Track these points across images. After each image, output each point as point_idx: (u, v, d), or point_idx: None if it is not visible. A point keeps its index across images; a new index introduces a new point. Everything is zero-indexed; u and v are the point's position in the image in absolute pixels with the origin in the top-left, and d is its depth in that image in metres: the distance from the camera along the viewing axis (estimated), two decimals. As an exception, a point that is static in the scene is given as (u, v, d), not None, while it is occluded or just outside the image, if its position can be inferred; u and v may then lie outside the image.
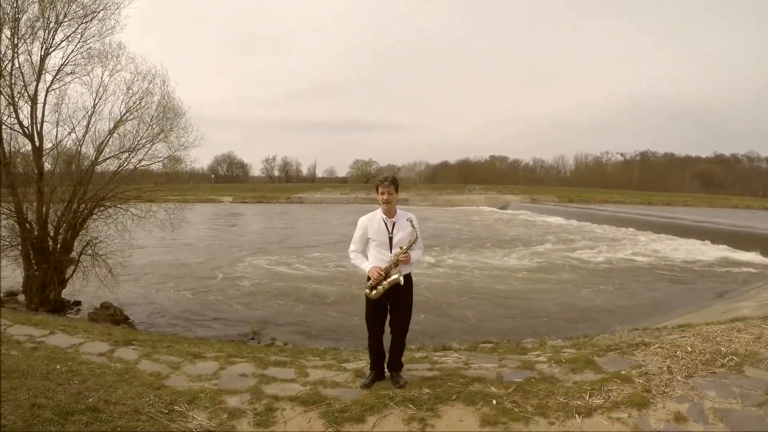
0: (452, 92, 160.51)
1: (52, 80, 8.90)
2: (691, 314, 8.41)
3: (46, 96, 8.86)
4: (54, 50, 8.85)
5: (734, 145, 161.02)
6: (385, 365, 3.78)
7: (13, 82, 8.45)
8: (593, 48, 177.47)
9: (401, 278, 3.43)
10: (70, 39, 8.89)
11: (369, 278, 3.53)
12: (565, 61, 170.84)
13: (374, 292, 3.48)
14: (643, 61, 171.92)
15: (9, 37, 8.32)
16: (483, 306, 10.29)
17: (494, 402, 3.32)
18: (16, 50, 8.41)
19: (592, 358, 4.08)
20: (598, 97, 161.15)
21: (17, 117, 8.61)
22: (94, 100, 9.23)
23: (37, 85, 8.75)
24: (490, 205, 51.02)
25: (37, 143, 8.87)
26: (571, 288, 12.17)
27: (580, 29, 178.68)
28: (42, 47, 8.72)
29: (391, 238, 3.52)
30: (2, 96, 8.37)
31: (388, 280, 3.44)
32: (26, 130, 8.76)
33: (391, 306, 3.61)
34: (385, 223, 3.56)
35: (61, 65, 8.93)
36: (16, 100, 8.54)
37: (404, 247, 3.47)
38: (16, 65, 8.50)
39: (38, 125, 8.87)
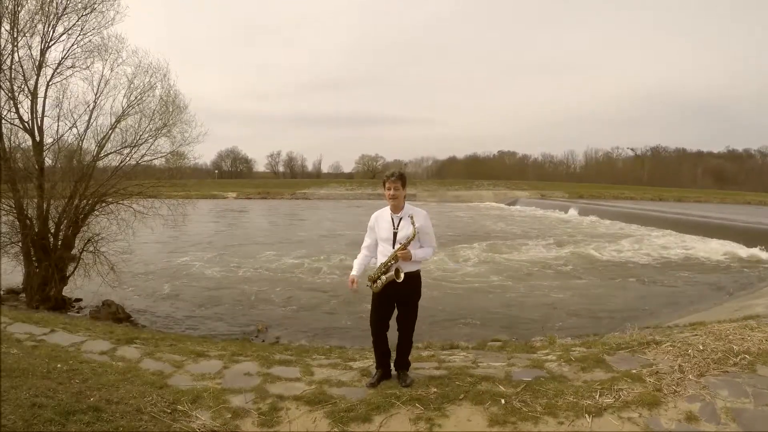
0: (460, 86, 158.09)
1: (53, 74, 8.81)
2: (703, 312, 8.30)
3: (46, 90, 8.78)
4: (54, 44, 8.77)
5: (747, 140, 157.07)
6: (392, 364, 3.76)
7: (13, 76, 8.38)
8: (602, 41, 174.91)
9: (401, 275, 3.44)
10: (70, 32, 8.81)
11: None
12: (574, 55, 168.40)
13: (374, 285, 3.54)
14: (653, 55, 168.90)
15: (8, 30, 8.25)
16: (490, 304, 10.18)
17: (503, 401, 3.28)
18: (15, 44, 8.34)
19: (603, 357, 4.04)
20: (608, 90, 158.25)
21: (17, 112, 8.54)
22: (96, 95, 9.16)
23: (37, 80, 8.67)
24: (499, 201, 50.47)
25: (38, 138, 8.79)
26: (580, 286, 12.06)
27: (588, 21, 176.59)
28: (42, 41, 8.63)
29: (395, 234, 3.54)
30: (2, 90, 8.31)
31: (387, 275, 3.48)
32: (26, 125, 8.68)
33: (397, 304, 3.62)
34: (392, 219, 3.58)
35: (62, 59, 8.85)
36: (16, 94, 8.47)
37: (402, 243, 3.47)
38: (16, 59, 8.43)
39: (39, 120, 8.79)
